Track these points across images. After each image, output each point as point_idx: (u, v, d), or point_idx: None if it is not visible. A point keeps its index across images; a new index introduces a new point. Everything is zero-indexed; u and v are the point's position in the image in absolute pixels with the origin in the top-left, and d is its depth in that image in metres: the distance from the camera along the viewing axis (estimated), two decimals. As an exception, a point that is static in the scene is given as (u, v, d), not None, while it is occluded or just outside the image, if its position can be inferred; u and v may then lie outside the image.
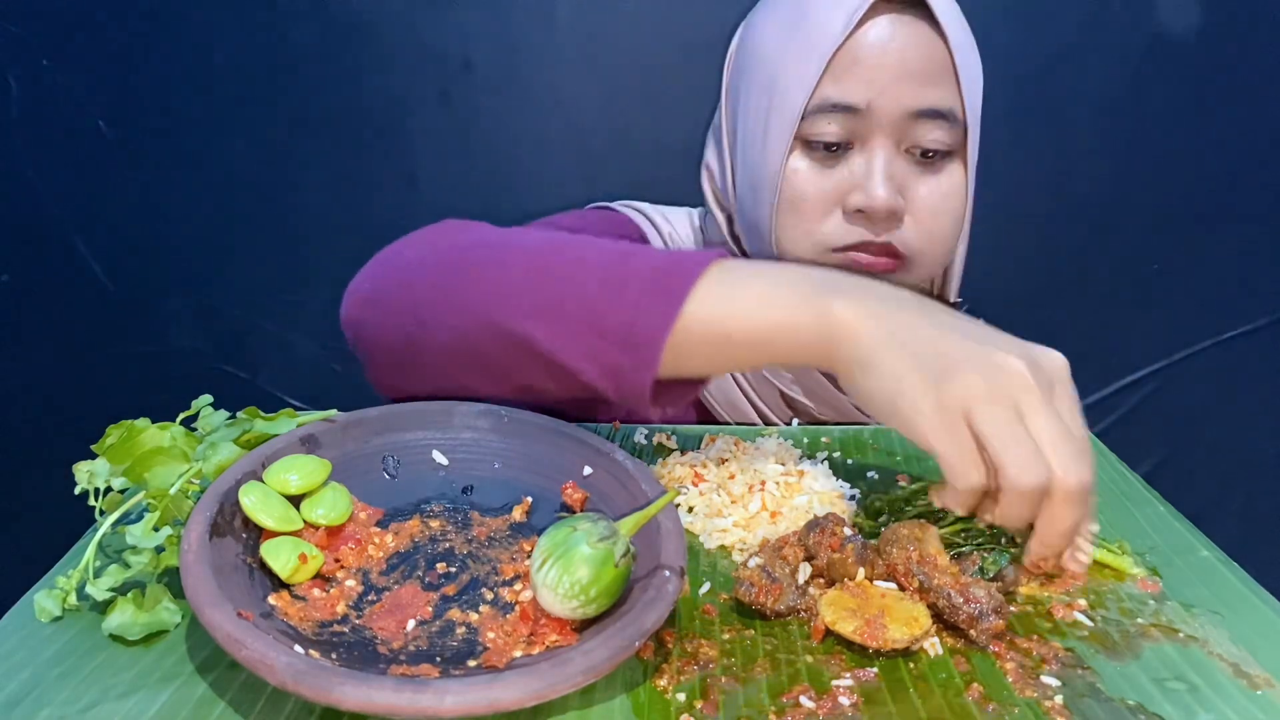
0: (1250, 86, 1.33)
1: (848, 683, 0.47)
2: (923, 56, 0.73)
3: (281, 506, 0.52)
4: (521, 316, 0.58)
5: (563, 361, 0.57)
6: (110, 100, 1.31)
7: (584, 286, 0.57)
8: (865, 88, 0.73)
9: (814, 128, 0.74)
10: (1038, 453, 0.48)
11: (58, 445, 0.92)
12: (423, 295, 0.63)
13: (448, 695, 0.40)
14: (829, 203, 0.76)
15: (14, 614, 0.51)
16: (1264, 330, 1.44)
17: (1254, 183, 1.37)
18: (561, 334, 0.57)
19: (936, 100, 0.74)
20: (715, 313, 0.56)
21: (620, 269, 0.58)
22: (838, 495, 0.65)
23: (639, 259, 0.58)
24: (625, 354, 0.56)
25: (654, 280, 0.56)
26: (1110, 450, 0.74)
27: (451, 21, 1.28)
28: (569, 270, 0.59)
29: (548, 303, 0.58)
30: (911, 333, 0.52)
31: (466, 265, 0.62)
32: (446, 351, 0.62)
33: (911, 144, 0.75)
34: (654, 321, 0.55)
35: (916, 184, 0.76)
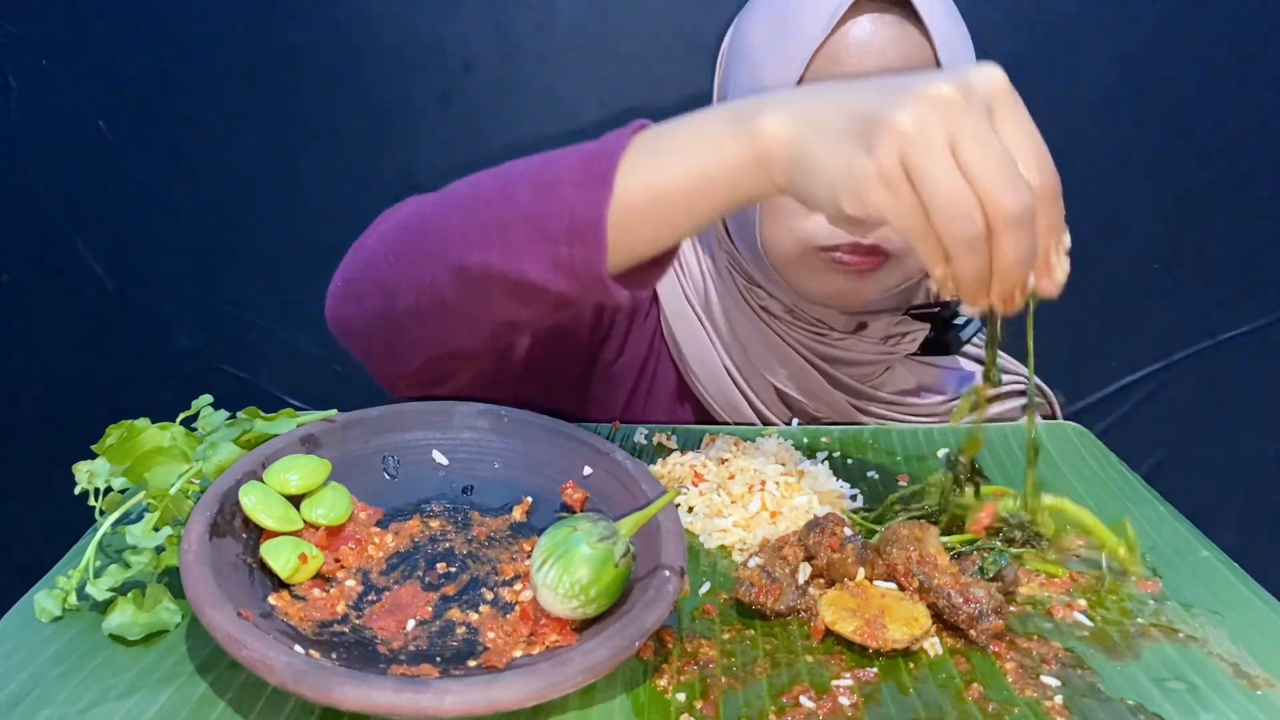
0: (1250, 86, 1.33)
1: (848, 683, 0.47)
2: (905, 57, 0.72)
3: (281, 506, 0.52)
4: (472, 249, 0.59)
5: (520, 277, 0.57)
6: (110, 100, 1.30)
7: (519, 200, 0.58)
8: None
9: None
10: (968, 197, 0.46)
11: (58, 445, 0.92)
12: (384, 270, 0.64)
13: (448, 695, 0.40)
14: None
15: (14, 614, 0.51)
16: (1264, 330, 1.44)
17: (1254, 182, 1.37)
18: (512, 251, 0.58)
19: None
20: (647, 178, 0.56)
21: (547, 171, 0.59)
22: (838, 495, 0.65)
23: (564, 157, 0.59)
24: (573, 247, 0.56)
25: (581, 170, 0.57)
26: (1110, 450, 0.74)
27: (451, 21, 1.28)
28: (501, 192, 0.60)
29: (491, 227, 0.59)
30: (836, 113, 0.51)
31: (412, 226, 0.64)
32: (420, 314, 0.63)
33: None
34: (589, 207, 0.55)
35: None
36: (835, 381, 0.83)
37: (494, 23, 1.28)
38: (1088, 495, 0.67)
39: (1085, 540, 0.61)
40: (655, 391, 0.87)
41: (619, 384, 0.86)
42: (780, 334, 0.83)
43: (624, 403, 0.87)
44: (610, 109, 1.33)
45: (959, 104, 0.47)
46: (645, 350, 0.87)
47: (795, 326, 0.83)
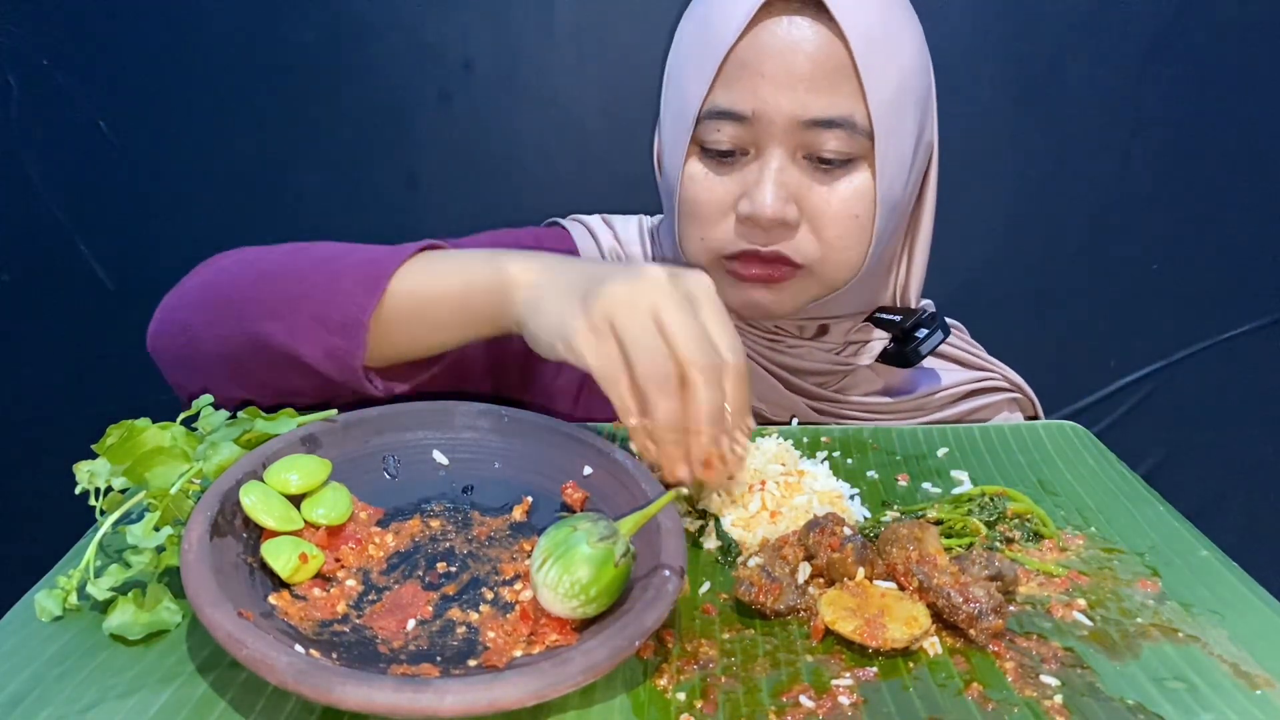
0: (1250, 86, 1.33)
1: (848, 682, 0.47)
2: (814, 62, 0.70)
3: (282, 506, 0.52)
4: (262, 320, 0.65)
5: (295, 354, 0.64)
6: (110, 100, 1.31)
7: (309, 284, 0.65)
8: (751, 95, 0.71)
9: (707, 134, 0.74)
10: (663, 346, 0.53)
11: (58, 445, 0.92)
12: (191, 316, 0.71)
13: (448, 695, 0.40)
14: (723, 208, 0.75)
15: (14, 614, 0.51)
16: (1264, 330, 1.44)
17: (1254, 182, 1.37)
18: (292, 329, 0.64)
19: (827, 109, 0.70)
20: (411, 289, 0.64)
21: (339, 265, 0.66)
22: (837, 495, 0.65)
23: (359, 255, 0.66)
24: (339, 337, 0.63)
25: (365, 271, 0.64)
26: (1110, 450, 0.74)
27: (451, 21, 1.28)
28: (299, 273, 0.66)
29: (281, 303, 0.65)
30: (570, 271, 0.59)
31: (219, 285, 0.71)
32: (214, 359, 0.69)
33: (807, 151, 0.72)
34: (358, 306, 0.63)
35: (812, 192, 0.73)
36: (792, 386, 0.82)
37: (494, 23, 1.28)
38: (1087, 495, 0.67)
39: (1085, 539, 0.61)
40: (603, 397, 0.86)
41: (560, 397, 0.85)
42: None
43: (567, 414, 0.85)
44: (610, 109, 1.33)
45: (666, 286, 0.55)
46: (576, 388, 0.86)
47: (748, 332, 0.82)
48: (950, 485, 0.68)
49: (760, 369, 0.82)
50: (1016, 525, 0.61)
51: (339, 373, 0.64)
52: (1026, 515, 0.62)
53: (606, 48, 1.30)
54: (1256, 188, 1.37)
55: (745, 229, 0.74)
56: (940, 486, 0.68)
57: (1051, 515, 0.63)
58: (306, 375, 0.65)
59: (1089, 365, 1.46)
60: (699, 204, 0.76)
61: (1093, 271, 1.41)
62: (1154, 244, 1.40)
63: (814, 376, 0.83)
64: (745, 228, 0.74)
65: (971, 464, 0.71)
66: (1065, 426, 0.78)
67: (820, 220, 0.74)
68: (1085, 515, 0.64)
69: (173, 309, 0.74)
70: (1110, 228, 1.39)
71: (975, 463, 0.72)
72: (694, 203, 0.76)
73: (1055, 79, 1.31)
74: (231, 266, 0.72)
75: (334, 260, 0.67)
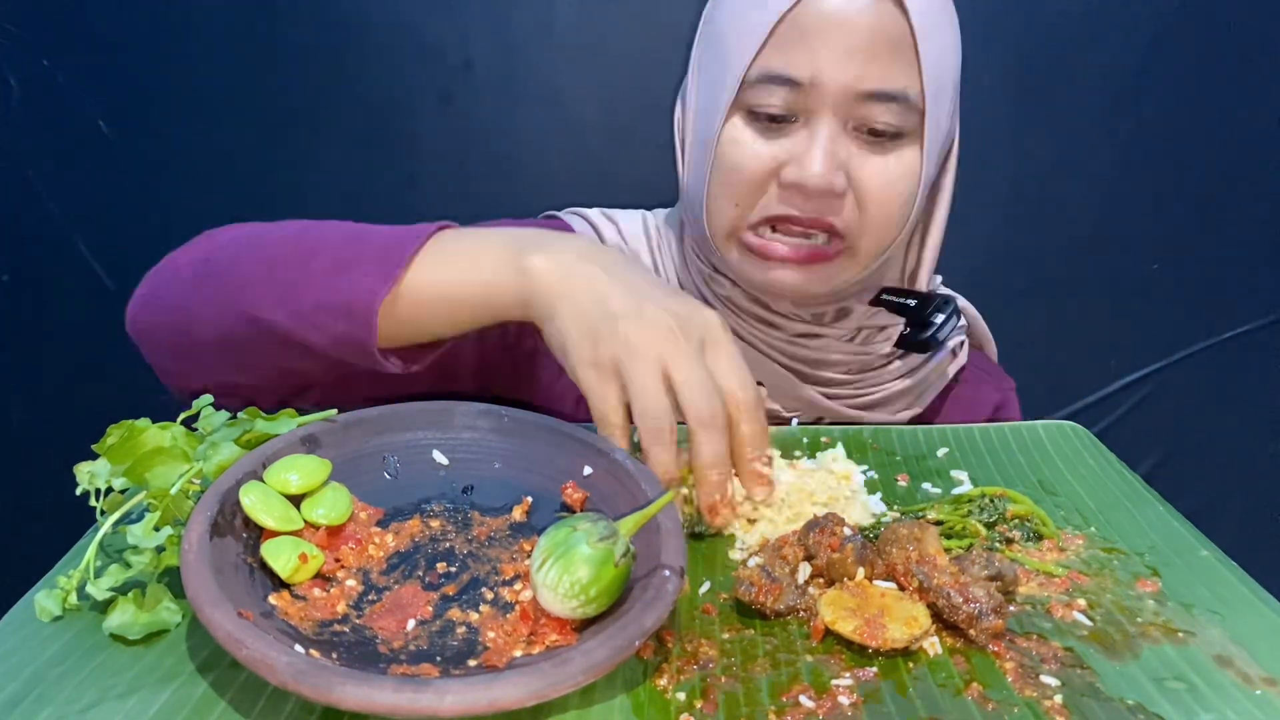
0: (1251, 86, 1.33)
1: (848, 682, 0.47)
2: (875, 32, 0.69)
3: (282, 506, 0.52)
4: (265, 304, 0.64)
5: (301, 339, 0.63)
6: (110, 100, 1.31)
7: (315, 270, 0.64)
8: (809, 61, 0.69)
9: (756, 97, 0.72)
10: (664, 397, 0.56)
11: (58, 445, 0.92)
12: (184, 295, 0.68)
13: (448, 695, 0.40)
14: (765, 175, 0.73)
15: (14, 614, 0.51)
16: (1263, 330, 1.44)
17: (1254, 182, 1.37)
18: (296, 314, 0.63)
19: (886, 80, 0.70)
20: (428, 278, 0.63)
21: (351, 249, 0.65)
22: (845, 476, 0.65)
23: (371, 239, 0.65)
24: (349, 324, 0.62)
25: (378, 255, 0.63)
26: (1110, 450, 0.74)
27: (451, 21, 1.28)
28: (306, 255, 0.65)
29: (284, 287, 0.64)
30: (587, 287, 0.59)
31: (217, 263, 0.68)
32: (210, 343, 0.67)
33: (859, 123, 0.72)
34: (368, 295, 0.62)
35: (862, 164, 0.72)
36: (807, 378, 0.82)
37: (494, 23, 1.28)
38: (1087, 495, 0.67)
39: (1085, 540, 0.61)
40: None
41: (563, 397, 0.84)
42: (747, 338, 0.82)
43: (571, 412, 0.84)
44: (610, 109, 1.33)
45: (672, 334, 0.57)
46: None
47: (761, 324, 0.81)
48: (950, 485, 0.68)
49: (777, 366, 0.81)
50: (1016, 526, 0.61)
51: (349, 355, 0.64)
52: (1026, 516, 0.62)
53: (606, 48, 1.30)
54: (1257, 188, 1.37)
55: (788, 196, 0.73)
56: (940, 487, 0.68)
57: (1051, 515, 0.63)
58: (314, 359, 0.65)
59: (1089, 365, 1.46)
60: (740, 169, 0.73)
61: (1093, 271, 1.41)
62: (1154, 244, 1.40)
63: (831, 368, 0.82)
64: (788, 195, 0.73)
65: (971, 464, 0.71)
66: (1065, 426, 0.78)
67: (866, 194, 0.73)
68: (1085, 515, 0.64)
69: (162, 287, 0.71)
70: (1110, 227, 1.39)
71: (975, 463, 0.72)
72: (734, 168, 0.74)
73: (1055, 79, 1.31)
74: (231, 244, 0.70)
75: (343, 244, 0.66)
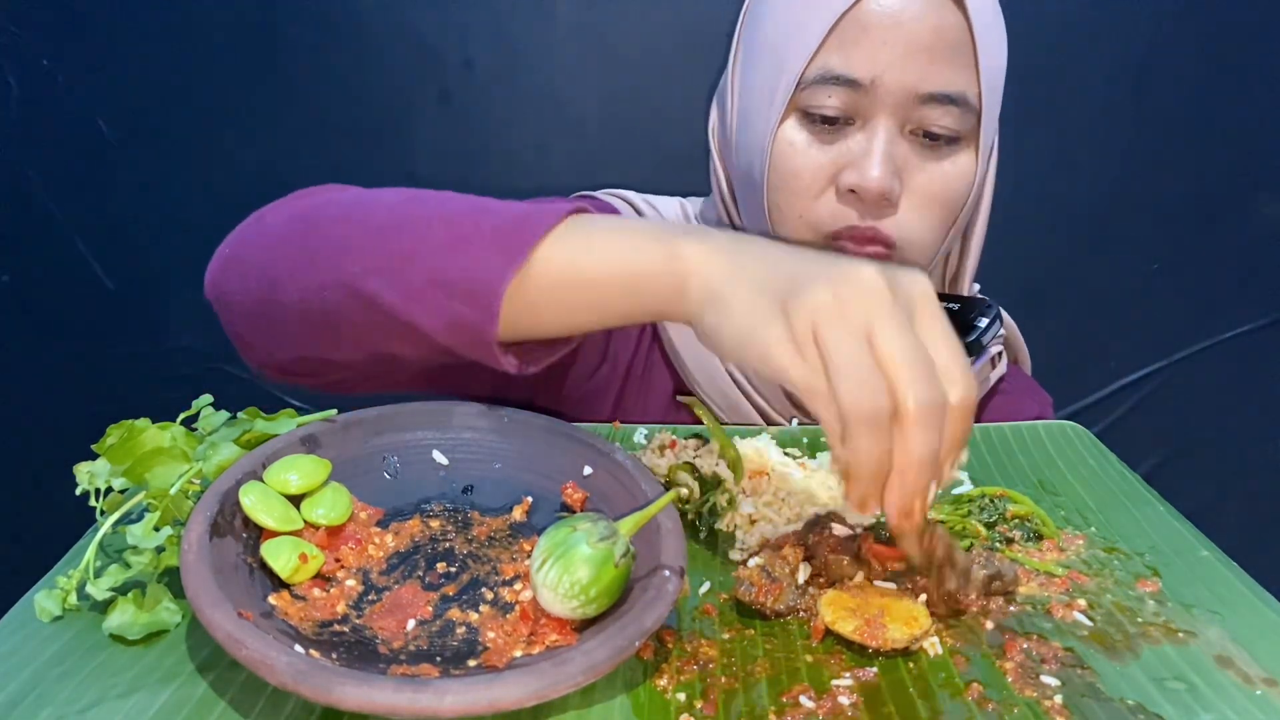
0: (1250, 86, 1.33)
1: (848, 683, 0.47)
2: (938, 33, 0.68)
3: (281, 506, 0.52)
4: (366, 272, 0.56)
5: (408, 319, 0.55)
6: (110, 100, 1.31)
7: (431, 241, 0.55)
8: (870, 61, 0.68)
9: (813, 99, 0.70)
10: (876, 373, 0.44)
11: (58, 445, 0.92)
12: (274, 255, 0.61)
13: (448, 695, 0.40)
14: (823, 180, 0.72)
15: (14, 614, 0.51)
16: (1264, 330, 1.44)
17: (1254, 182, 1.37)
18: (405, 289, 0.55)
19: (948, 83, 0.69)
20: (561, 263, 0.54)
21: (471, 222, 0.56)
22: None
23: (495, 213, 0.56)
24: (467, 306, 0.53)
25: (503, 233, 0.54)
26: (1110, 450, 0.74)
27: (451, 21, 1.28)
28: (420, 225, 0.56)
29: (393, 258, 0.55)
30: (760, 262, 0.50)
31: (317, 222, 0.60)
32: (298, 312, 0.59)
33: (917, 126, 0.70)
34: (494, 273, 0.53)
35: (917, 169, 0.71)
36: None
37: (494, 23, 1.28)
38: (1088, 495, 0.67)
39: (1085, 540, 0.61)
40: (649, 394, 0.85)
41: (604, 390, 0.83)
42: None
43: (612, 407, 0.84)
44: (610, 109, 1.33)
45: (883, 294, 0.46)
46: (632, 354, 0.84)
47: None
48: (950, 485, 0.68)
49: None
50: (1017, 526, 0.61)
51: (461, 343, 0.55)
52: (1027, 516, 0.62)
53: (606, 48, 1.30)
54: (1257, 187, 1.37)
55: (845, 202, 0.71)
56: (940, 486, 0.68)
57: (1052, 515, 0.63)
58: (416, 342, 0.56)
59: (1089, 365, 1.46)
60: (798, 175, 0.71)
61: (1093, 271, 1.41)
62: (1154, 244, 1.40)
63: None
64: (845, 202, 0.71)
65: (972, 464, 0.71)
66: (1065, 426, 0.78)
67: (921, 199, 0.71)
68: (1085, 515, 0.64)
69: (248, 245, 0.64)
70: (1110, 227, 1.39)
71: (975, 463, 0.72)
72: (792, 174, 0.72)
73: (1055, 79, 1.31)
74: (333, 205, 0.61)
75: (465, 215, 0.57)
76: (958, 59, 0.69)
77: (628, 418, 0.82)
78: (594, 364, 0.83)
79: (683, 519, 0.59)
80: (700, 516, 0.61)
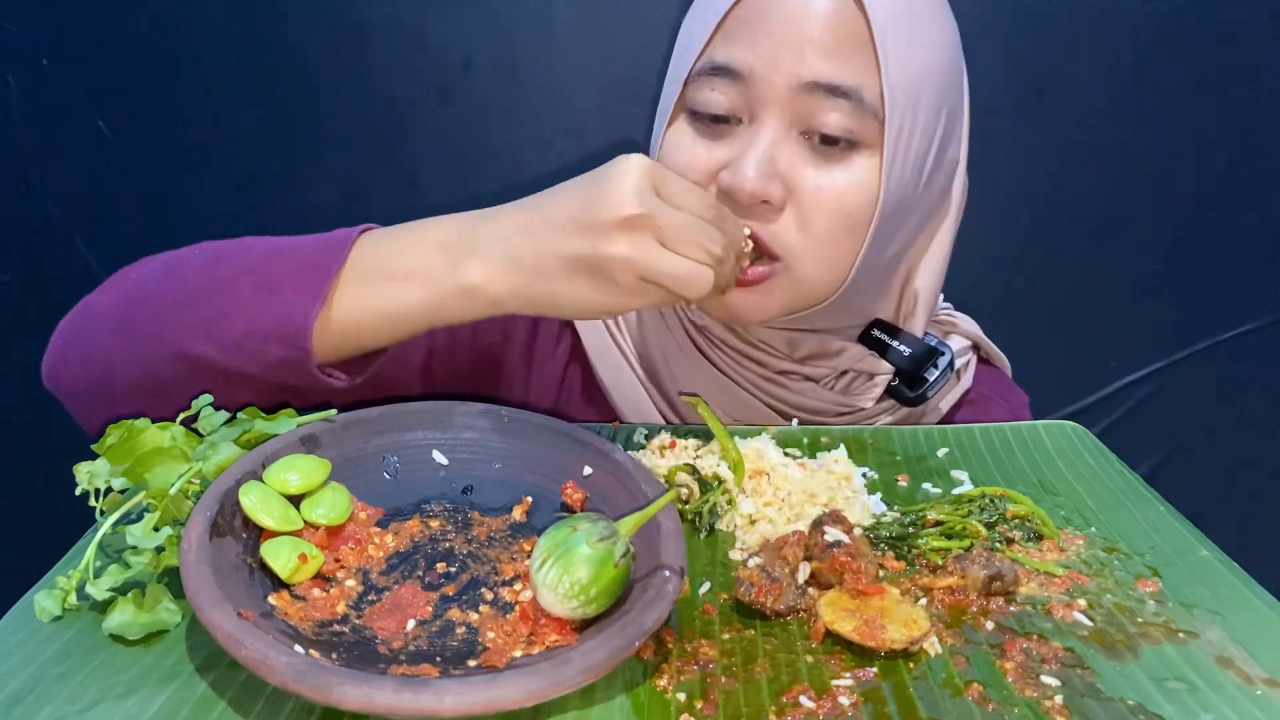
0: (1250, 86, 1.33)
1: (848, 683, 0.47)
2: (826, 26, 0.63)
3: (281, 506, 0.52)
4: (190, 338, 0.61)
5: (238, 369, 0.61)
6: (110, 100, 1.30)
7: (239, 297, 0.61)
8: (749, 51, 0.65)
9: (698, 94, 0.67)
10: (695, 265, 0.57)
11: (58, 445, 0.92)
12: (103, 341, 0.65)
13: (448, 695, 0.40)
14: (705, 179, 0.68)
15: (14, 614, 0.51)
16: (1264, 330, 1.44)
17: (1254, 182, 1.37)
18: (226, 345, 0.61)
19: (833, 73, 0.63)
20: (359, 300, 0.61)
21: (271, 271, 0.62)
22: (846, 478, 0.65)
23: (289, 257, 0.62)
24: (283, 348, 0.60)
25: (301, 276, 0.61)
26: (1110, 450, 0.74)
27: (451, 21, 1.28)
28: (226, 284, 0.62)
29: (210, 319, 0.61)
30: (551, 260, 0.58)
31: (136, 301, 0.65)
32: (135, 386, 0.64)
33: (807, 126, 0.65)
34: (299, 314, 0.59)
35: (805, 174, 0.66)
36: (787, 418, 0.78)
37: (494, 22, 1.28)
38: (1088, 495, 0.67)
39: (1085, 540, 0.61)
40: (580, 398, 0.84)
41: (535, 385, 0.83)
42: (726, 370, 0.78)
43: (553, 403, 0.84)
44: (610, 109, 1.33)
45: (646, 215, 0.56)
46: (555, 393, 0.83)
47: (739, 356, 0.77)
48: (950, 485, 0.68)
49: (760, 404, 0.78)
50: (1017, 526, 0.61)
51: (293, 378, 0.62)
52: (1027, 516, 0.62)
53: (606, 48, 1.30)
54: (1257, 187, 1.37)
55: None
56: (940, 487, 0.68)
57: (1052, 515, 0.63)
58: (253, 387, 0.62)
59: (1089, 365, 1.46)
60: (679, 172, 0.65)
61: (1093, 271, 1.41)
62: (1154, 244, 1.40)
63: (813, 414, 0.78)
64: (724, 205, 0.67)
65: (972, 464, 0.71)
66: (1065, 426, 0.78)
67: (807, 208, 0.66)
68: (1085, 515, 0.64)
69: (78, 335, 0.67)
70: (1110, 227, 1.38)
71: (975, 463, 0.72)
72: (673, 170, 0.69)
73: (1055, 79, 1.31)
74: (147, 280, 0.66)
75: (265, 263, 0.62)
76: (851, 53, 0.64)
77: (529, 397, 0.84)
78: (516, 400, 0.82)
79: (682, 519, 0.60)
80: (700, 516, 0.61)
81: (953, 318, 0.89)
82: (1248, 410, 1.47)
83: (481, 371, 0.82)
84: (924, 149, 0.69)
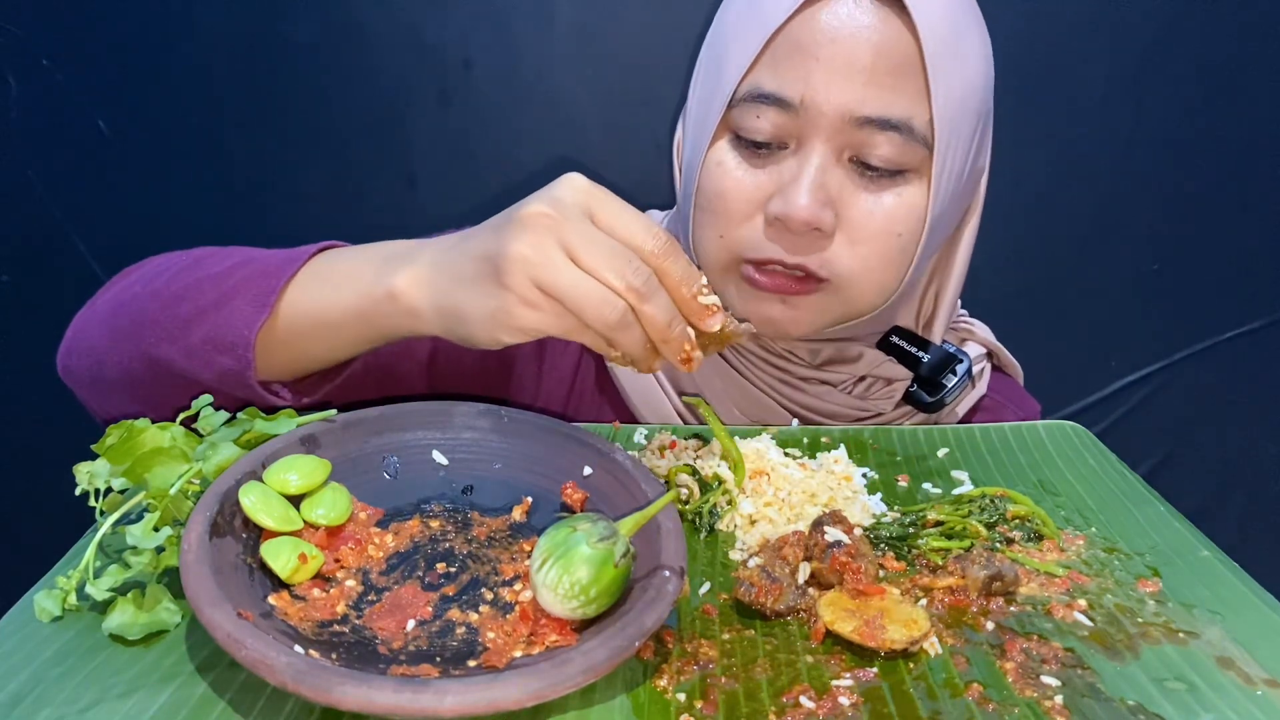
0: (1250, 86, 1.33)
1: (848, 683, 0.47)
2: (880, 54, 0.63)
3: (281, 506, 0.52)
4: (160, 342, 0.63)
5: (193, 376, 0.62)
6: (110, 100, 1.30)
7: (203, 303, 0.62)
8: (801, 80, 0.64)
9: (743, 119, 0.66)
10: (593, 284, 0.51)
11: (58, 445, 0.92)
12: (96, 337, 0.68)
13: (448, 695, 0.40)
14: (751, 205, 0.68)
15: (14, 614, 0.51)
16: (1264, 330, 1.44)
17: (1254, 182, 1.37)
18: (186, 350, 0.62)
19: (886, 107, 0.63)
20: (300, 308, 0.61)
21: (234, 278, 0.63)
22: (846, 478, 0.65)
23: (254, 266, 0.63)
24: (227, 358, 0.61)
25: (254, 284, 0.61)
26: (1110, 450, 0.74)
27: (451, 21, 1.28)
28: (195, 290, 0.63)
29: (177, 323, 0.63)
30: (463, 260, 0.55)
31: (124, 303, 0.67)
32: (121, 383, 0.67)
33: (855, 153, 0.66)
34: (245, 324, 0.60)
35: (854, 200, 0.66)
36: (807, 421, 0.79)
37: (494, 23, 1.28)
38: (1088, 495, 0.67)
39: (1085, 540, 0.61)
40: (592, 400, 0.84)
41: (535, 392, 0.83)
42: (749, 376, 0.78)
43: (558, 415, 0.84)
44: (610, 109, 1.33)
45: (557, 219, 0.52)
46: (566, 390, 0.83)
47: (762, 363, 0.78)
48: (951, 485, 0.68)
49: (778, 407, 0.78)
50: (1017, 526, 0.61)
51: (237, 390, 0.62)
52: (1027, 517, 0.62)
53: (606, 48, 1.30)
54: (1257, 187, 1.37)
55: (774, 232, 0.67)
56: (941, 487, 0.68)
57: (1052, 515, 0.63)
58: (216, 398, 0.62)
59: (1089, 365, 1.46)
60: (723, 197, 0.68)
61: (1093, 272, 1.41)
62: (1154, 244, 1.40)
63: (830, 418, 0.79)
64: (774, 231, 0.67)
65: (972, 464, 0.71)
66: (1065, 426, 0.78)
67: (859, 234, 0.67)
68: (1086, 515, 0.64)
69: (81, 330, 0.71)
70: (1110, 228, 1.38)
71: (976, 463, 0.72)
72: (717, 195, 0.68)
73: (1055, 79, 1.31)
74: (135, 284, 0.69)
75: (228, 275, 0.64)
76: (903, 83, 0.64)
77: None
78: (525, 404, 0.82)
79: (682, 519, 0.60)
80: (700, 516, 0.61)
81: (969, 324, 0.89)
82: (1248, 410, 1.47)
83: (490, 367, 0.81)
84: (963, 164, 0.69)
